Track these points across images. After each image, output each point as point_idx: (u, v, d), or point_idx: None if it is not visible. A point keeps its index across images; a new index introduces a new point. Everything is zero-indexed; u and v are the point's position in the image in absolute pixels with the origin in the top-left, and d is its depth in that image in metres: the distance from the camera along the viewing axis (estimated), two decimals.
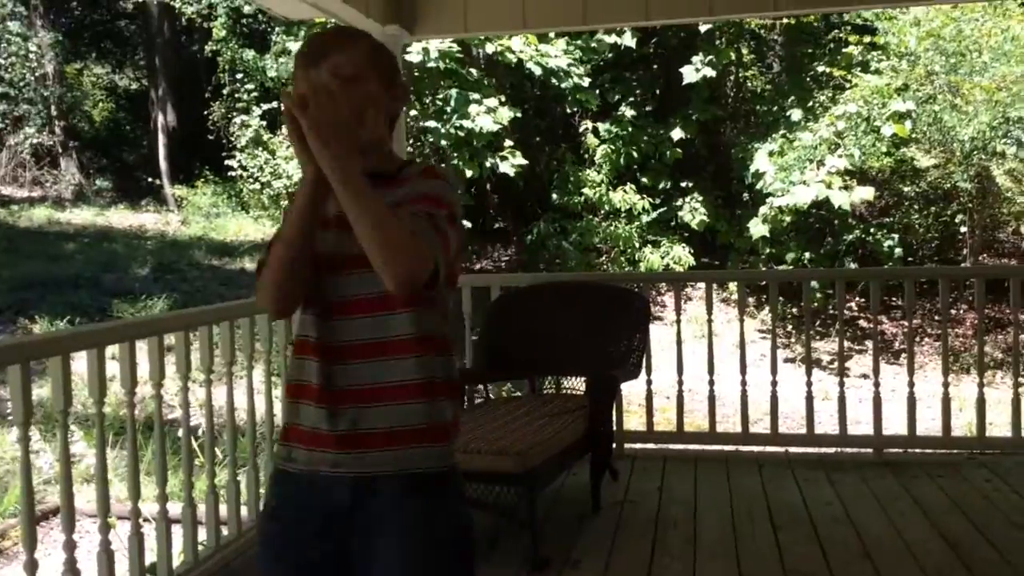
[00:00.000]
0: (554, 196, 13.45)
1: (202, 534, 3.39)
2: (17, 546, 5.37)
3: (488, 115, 11.67)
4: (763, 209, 11.89)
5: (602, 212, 13.25)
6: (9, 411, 4.21)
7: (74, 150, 18.57)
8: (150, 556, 3.10)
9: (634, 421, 5.38)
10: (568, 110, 14.12)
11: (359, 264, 1.48)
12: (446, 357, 1.62)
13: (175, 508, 3.30)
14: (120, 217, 15.68)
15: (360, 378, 1.56)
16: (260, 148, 16.20)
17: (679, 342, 4.94)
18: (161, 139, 18.41)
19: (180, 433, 3.39)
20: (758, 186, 12.07)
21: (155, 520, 3.17)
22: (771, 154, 11.93)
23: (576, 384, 4.71)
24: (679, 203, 13.24)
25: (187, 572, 3.19)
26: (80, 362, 2.84)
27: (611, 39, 12.73)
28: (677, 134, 13.06)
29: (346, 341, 1.56)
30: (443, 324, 1.64)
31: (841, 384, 4.79)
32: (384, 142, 1.66)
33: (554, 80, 12.42)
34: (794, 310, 11.62)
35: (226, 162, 16.62)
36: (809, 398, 4.75)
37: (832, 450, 4.82)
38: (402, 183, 1.60)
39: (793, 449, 4.81)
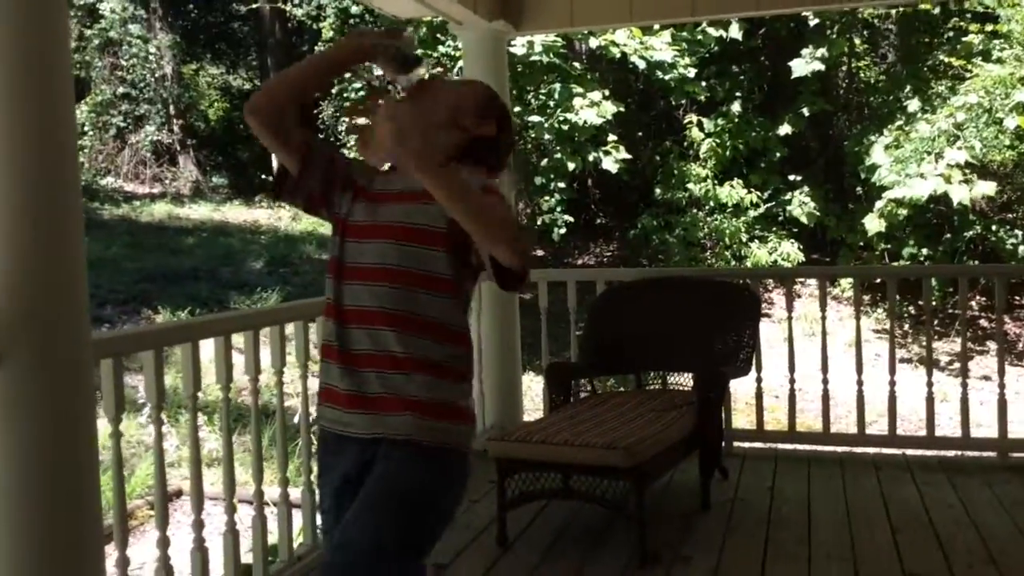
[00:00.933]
0: (657, 191, 13.30)
1: (320, 518, 3.50)
2: (143, 525, 5.64)
3: (591, 109, 11.63)
4: (878, 203, 11.49)
5: (707, 207, 13.05)
6: (138, 396, 4.42)
7: (191, 148, 19.32)
8: (271, 538, 3.22)
9: (742, 420, 5.29)
10: (673, 103, 13.95)
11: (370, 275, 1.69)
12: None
13: (295, 493, 3.41)
14: (235, 213, 16.25)
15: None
16: None
17: (791, 339, 4.82)
18: None
19: (297, 420, 3.51)
20: (872, 179, 11.68)
21: (276, 504, 3.29)
22: (886, 147, 11.52)
23: (683, 380, 4.66)
24: (787, 197, 12.92)
25: (307, 553, 3.29)
26: (205, 350, 2.95)
27: (717, 32, 12.52)
28: (785, 129, 12.75)
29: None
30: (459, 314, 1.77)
31: (964, 384, 4.61)
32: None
33: (659, 73, 12.29)
34: (911, 308, 11.20)
35: None
36: (929, 399, 4.58)
37: (953, 453, 4.64)
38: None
39: (911, 452, 4.65)
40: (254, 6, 19.08)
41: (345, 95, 17.14)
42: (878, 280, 9.83)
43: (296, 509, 3.36)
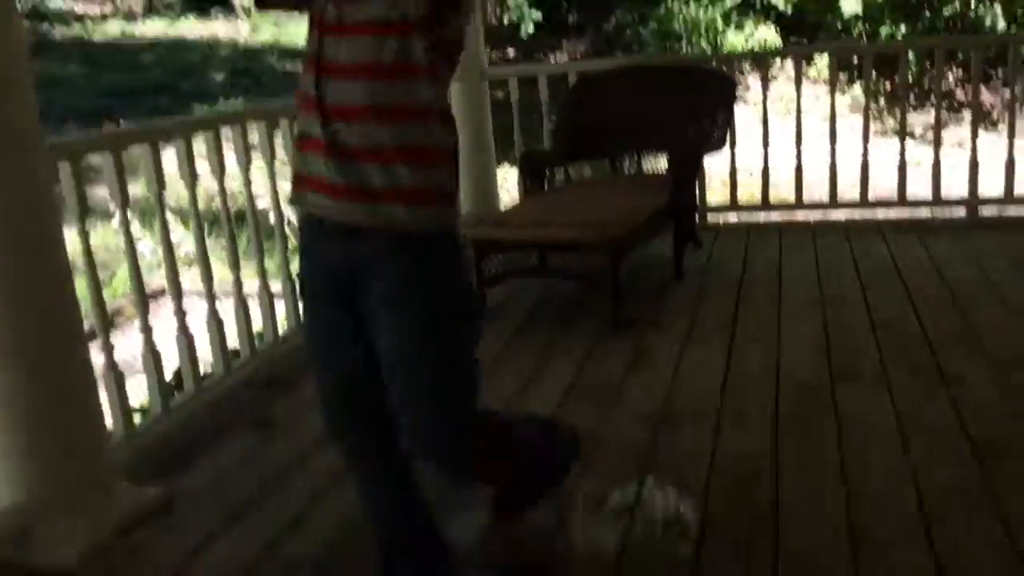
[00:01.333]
0: None
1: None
2: (131, 321, 5.73)
3: None
4: None
5: None
6: (108, 202, 4.37)
7: None
8: (255, 326, 3.28)
9: (717, 196, 5.30)
10: None
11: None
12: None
13: (276, 285, 3.43)
14: (191, 27, 15.62)
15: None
16: None
17: (765, 119, 4.75)
18: None
19: (271, 221, 3.49)
20: None
21: (257, 295, 3.32)
22: None
23: (658, 165, 4.64)
24: None
25: (289, 337, 3.36)
26: (168, 159, 2.88)
27: None
28: None
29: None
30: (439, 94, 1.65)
31: (936, 150, 4.61)
32: None
33: None
34: (886, 84, 11.06)
35: None
36: (902, 165, 4.60)
37: (924, 215, 4.70)
38: None
39: (883, 214, 4.71)
40: None
41: None
42: (855, 59, 9.65)
43: (278, 300, 3.40)
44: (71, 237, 2.28)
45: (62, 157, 2.44)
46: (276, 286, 3.42)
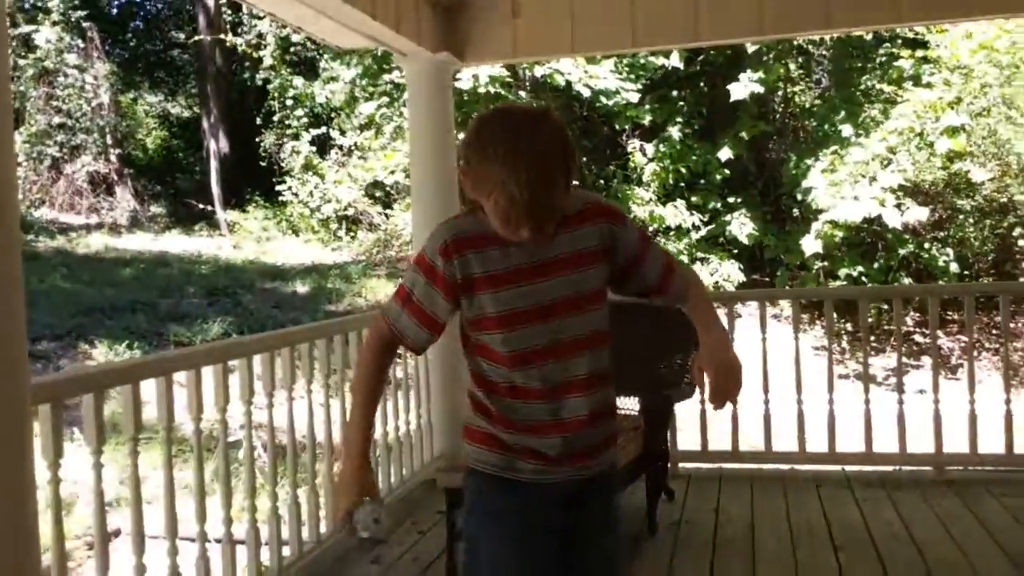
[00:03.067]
0: None
1: (264, 555, 3.45)
2: (81, 567, 5.49)
3: None
4: (815, 225, 11.79)
5: (651, 230, 13.23)
6: (76, 435, 4.32)
7: (129, 177, 19.01)
8: None
9: (688, 439, 5.35)
10: (616, 128, 14.14)
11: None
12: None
13: (239, 530, 3.36)
14: (174, 242, 16.00)
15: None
16: (310, 172, 16.49)
17: None
18: (213, 165, 18.79)
19: (241, 455, 3.46)
20: (808, 202, 11.97)
21: (220, 542, 3.23)
22: (823, 171, 11.83)
23: (629, 404, 4.69)
24: (727, 219, 13.18)
25: None
26: (146, 387, 2.90)
27: (659, 60, 12.77)
28: (725, 154, 13.02)
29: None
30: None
31: (900, 401, 4.73)
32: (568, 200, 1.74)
33: (603, 99, 12.48)
34: (848, 326, 11.45)
35: (277, 187, 16.93)
36: (867, 415, 4.69)
37: (891, 468, 4.75)
38: (574, 224, 1.76)
39: (851, 468, 4.75)
40: (194, 39, 18.94)
41: (287, 122, 17.08)
42: (815, 300, 10.07)
43: (240, 546, 3.31)
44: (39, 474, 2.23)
45: (44, 400, 2.43)
46: (240, 530, 3.34)
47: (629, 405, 4.69)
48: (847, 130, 12.30)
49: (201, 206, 18.48)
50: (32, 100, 17.56)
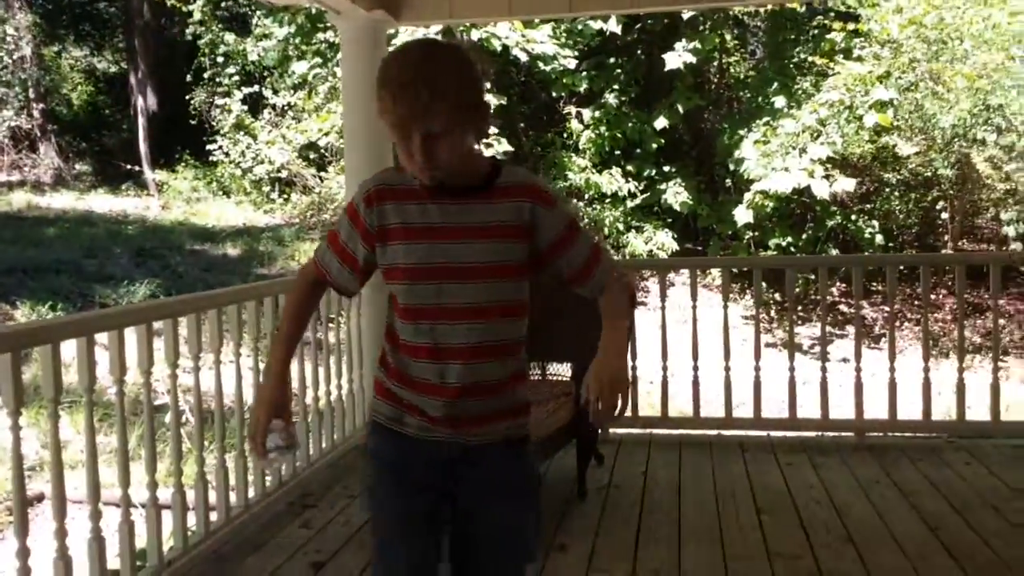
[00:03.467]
0: None
1: (191, 520, 3.41)
2: (1, 532, 5.37)
3: None
4: (747, 195, 11.97)
5: (587, 196, 13.28)
6: None
7: (53, 134, 18.41)
8: (140, 543, 3.12)
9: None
10: (553, 95, 14.12)
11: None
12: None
13: (164, 494, 3.31)
14: (100, 201, 15.57)
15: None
16: (242, 132, 16.14)
17: (663, 328, 4.98)
18: (141, 123, 18.25)
19: (168, 419, 3.40)
20: (741, 172, 12.14)
21: (144, 507, 3.18)
22: (755, 142, 11.99)
23: (562, 370, 4.73)
24: (662, 188, 13.30)
25: (176, 559, 3.20)
26: (67, 348, 2.82)
27: (597, 24, 12.74)
28: (661, 123, 13.10)
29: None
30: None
31: (823, 369, 4.85)
32: (472, 156, 1.75)
33: (540, 64, 12.42)
34: (776, 295, 11.70)
35: (207, 147, 16.54)
36: (791, 383, 4.81)
37: (814, 434, 4.88)
38: (497, 197, 1.74)
39: (775, 433, 4.87)
40: None
41: (218, 80, 16.65)
42: (746, 269, 10.23)
43: (166, 511, 3.26)
44: None
45: None
46: (165, 494, 3.29)
47: (561, 371, 4.74)
48: (780, 102, 12.47)
49: (128, 166, 17.99)
50: None
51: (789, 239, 12.47)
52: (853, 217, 12.44)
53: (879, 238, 12.25)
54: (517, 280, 1.78)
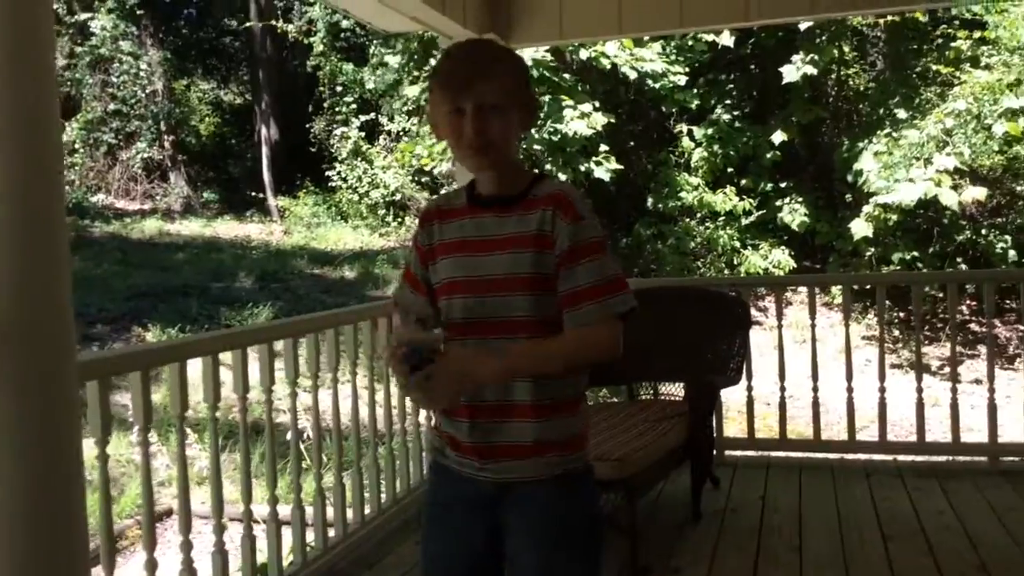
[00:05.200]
0: (650, 200, 13.35)
1: (310, 535, 3.49)
2: (134, 545, 5.61)
3: (582, 120, 11.67)
4: (866, 208, 11.54)
5: (699, 215, 13.09)
6: (128, 415, 4.41)
7: (182, 164, 19.32)
8: (261, 556, 3.21)
9: (734, 428, 5.30)
10: (664, 112, 13.99)
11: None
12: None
13: (284, 510, 3.40)
14: (226, 228, 16.24)
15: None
16: (359, 159, 16.59)
17: (781, 347, 4.84)
18: (265, 152, 19.01)
19: (288, 437, 3.50)
20: (860, 185, 11.73)
21: (265, 522, 3.28)
22: (876, 154, 11.57)
23: (674, 390, 4.66)
24: (779, 204, 12.98)
25: (296, 573, 3.28)
26: (193, 368, 2.94)
27: (708, 37, 12.57)
28: (777, 137, 12.80)
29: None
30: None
31: (953, 390, 4.62)
32: (513, 160, 1.74)
33: (649, 82, 12.34)
34: (901, 314, 11.23)
35: (326, 173, 17.07)
36: (919, 404, 4.59)
37: (944, 459, 4.64)
38: (529, 208, 1.69)
39: (902, 457, 4.66)
40: (246, 25, 19.12)
41: (337, 109, 17.19)
42: (868, 286, 9.86)
43: (286, 527, 3.35)
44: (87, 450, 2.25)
45: (91, 376, 2.47)
46: (285, 510, 3.38)
47: (673, 391, 4.66)
48: (902, 113, 12.02)
49: (253, 192, 18.71)
50: (88, 87, 17.91)
51: (915, 253, 11.95)
52: (983, 231, 11.84)
53: (1012, 253, 11.61)
54: (550, 293, 1.65)
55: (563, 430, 1.69)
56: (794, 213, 12.66)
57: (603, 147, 12.40)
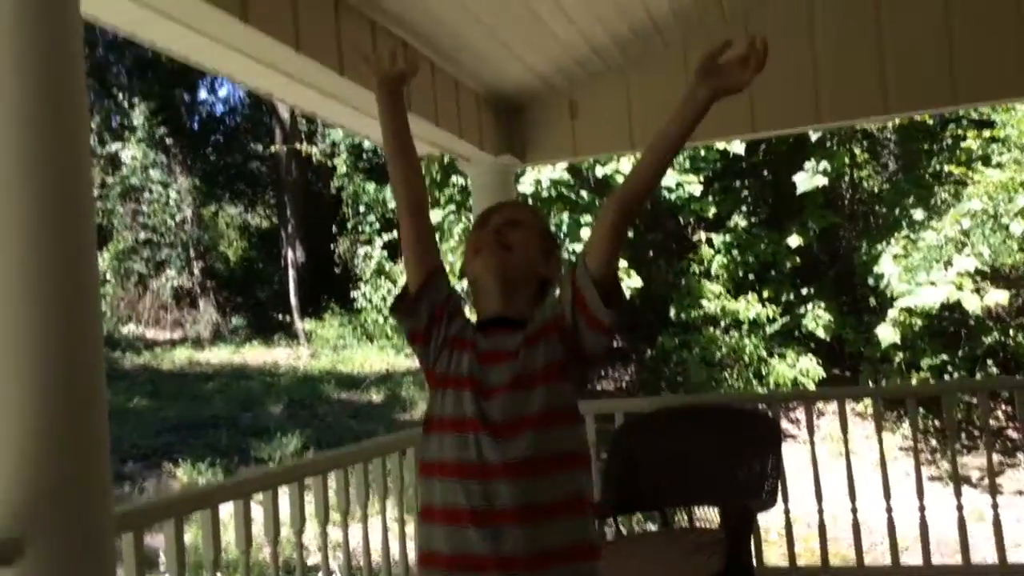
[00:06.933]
0: (672, 311, 13.37)
1: None
2: None
3: None
4: (891, 313, 11.51)
5: (723, 324, 13.08)
6: (159, 561, 4.38)
7: (211, 290, 19.64)
8: None
9: (775, 552, 5.17)
10: (681, 222, 14.16)
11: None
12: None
13: None
14: (254, 354, 16.38)
15: None
16: (383, 278, 16.80)
17: (815, 465, 4.75)
18: (291, 274, 19.32)
19: None
20: (882, 289, 11.72)
21: None
22: (895, 256, 11.61)
23: (709, 514, 4.58)
24: (802, 311, 12.96)
25: None
26: (224, 508, 2.94)
27: (720, 146, 12.82)
28: (794, 241, 12.88)
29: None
30: None
31: (994, 505, 4.50)
32: (527, 291, 1.79)
33: (665, 194, 12.54)
34: (936, 423, 11.03)
35: (351, 294, 17.28)
36: (961, 523, 4.47)
37: None
38: (525, 328, 1.75)
39: None
40: (272, 149, 19.71)
41: (360, 228, 17.49)
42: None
43: None
44: None
45: (127, 528, 2.47)
46: None
47: (708, 516, 4.58)
48: (918, 214, 12.10)
49: (280, 316, 18.93)
50: (119, 217, 18.39)
51: (944, 357, 11.82)
52: (1011, 332, 11.73)
53: None
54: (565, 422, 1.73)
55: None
56: (818, 320, 12.63)
57: (622, 263, 12.51)
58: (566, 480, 1.65)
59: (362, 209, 17.43)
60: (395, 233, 17.00)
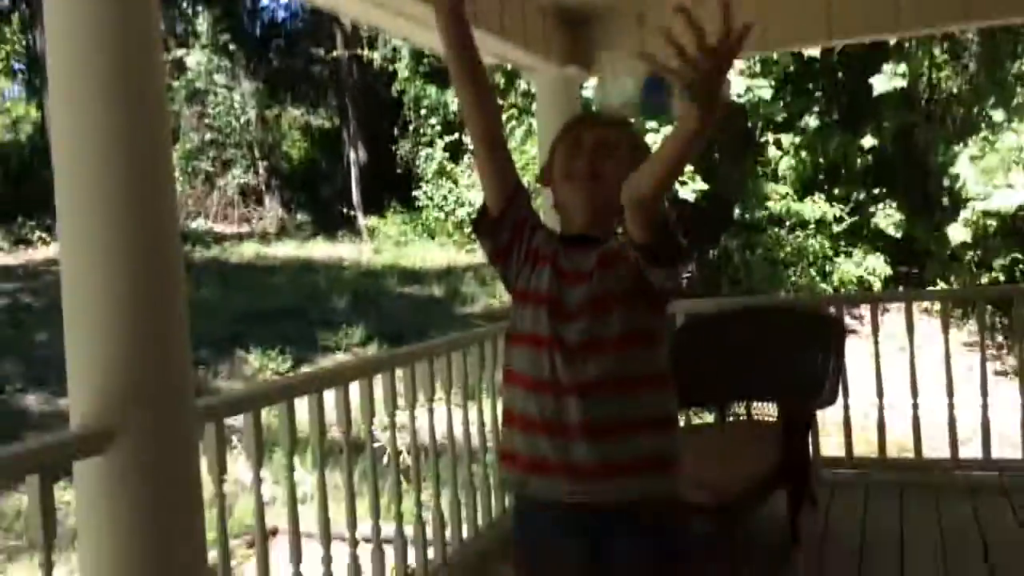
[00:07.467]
0: (737, 211, 13.20)
1: (411, 556, 3.58)
2: (242, 565, 5.81)
3: None
4: (964, 214, 11.21)
5: (788, 224, 12.88)
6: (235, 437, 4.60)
7: (276, 188, 19.95)
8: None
9: (831, 444, 5.20)
10: (749, 124, 13.82)
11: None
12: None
13: (387, 529, 3.50)
14: (319, 249, 16.68)
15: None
16: (444, 178, 16.86)
17: (877, 363, 4.74)
18: (354, 174, 19.50)
19: (386, 460, 3.61)
20: (958, 190, 11.39)
21: (368, 541, 3.39)
22: (972, 157, 11.23)
23: (766, 408, 4.62)
24: (872, 210, 12.69)
25: None
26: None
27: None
28: (868, 142, 12.52)
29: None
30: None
31: None
32: (614, 212, 1.68)
33: (735, 98, 12.22)
34: (1005, 319, 10.83)
35: (413, 193, 17.40)
36: None
37: None
38: (602, 245, 1.73)
39: (1009, 474, 4.52)
40: (334, 54, 19.63)
41: (421, 131, 17.45)
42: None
43: (388, 545, 3.45)
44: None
45: (209, 419, 2.59)
46: (388, 528, 3.48)
47: (767, 409, 4.62)
48: (998, 115, 11.63)
49: (344, 212, 19.18)
50: (185, 119, 18.70)
51: (1016, 255, 11.53)
52: None
53: None
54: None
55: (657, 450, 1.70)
56: (888, 218, 12.36)
57: (688, 166, 12.32)
58: (640, 401, 1.68)
59: (423, 112, 17.38)
60: (456, 135, 16.96)
